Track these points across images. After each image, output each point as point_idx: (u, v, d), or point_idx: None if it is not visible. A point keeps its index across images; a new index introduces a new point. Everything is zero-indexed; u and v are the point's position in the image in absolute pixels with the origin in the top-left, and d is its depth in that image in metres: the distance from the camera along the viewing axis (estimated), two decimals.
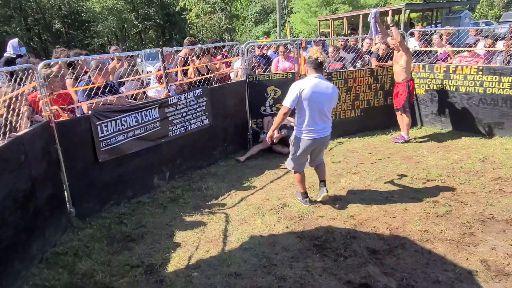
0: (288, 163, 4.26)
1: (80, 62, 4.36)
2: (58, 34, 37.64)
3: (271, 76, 6.31)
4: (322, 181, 4.23)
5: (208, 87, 5.47)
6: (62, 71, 4.17)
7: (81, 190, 4.01)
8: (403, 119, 6.26)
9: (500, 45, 6.53)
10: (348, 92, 6.63)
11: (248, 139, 6.30)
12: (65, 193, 3.91)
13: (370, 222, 3.79)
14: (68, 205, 3.95)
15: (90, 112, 3.95)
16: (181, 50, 5.72)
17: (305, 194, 4.29)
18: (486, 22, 25.59)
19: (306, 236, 3.60)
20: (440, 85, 6.62)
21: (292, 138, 4.09)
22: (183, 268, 3.22)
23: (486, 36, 6.98)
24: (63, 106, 3.82)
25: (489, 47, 6.55)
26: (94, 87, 4.11)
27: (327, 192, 4.14)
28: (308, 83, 3.76)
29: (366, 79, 6.64)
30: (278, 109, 6.29)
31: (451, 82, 6.48)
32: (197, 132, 5.33)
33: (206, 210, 4.26)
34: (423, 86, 6.83)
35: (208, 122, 5.47)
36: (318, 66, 3.82)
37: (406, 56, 5.87)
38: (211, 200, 4.53)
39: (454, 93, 6.50)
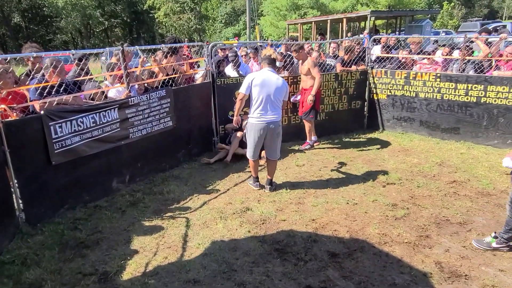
0: (248, 153, 4.65)
1: (31, 59, 4.12)
2: (17, 28, 35.91)
3: (239, 79, 6.25)
4: (269, 179, 4.70)
5: (172, 88, 5.34)
6: (11, 68, 3.91)
7: (32, 194, 3.78)
8: (305, 125, 6.23)
9: (456, 53, 6.83)
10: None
11: (213, 141, 6.22)
12: (14, 198, 3.68)
13: (331, 225, 3.82)
14: (17, 211, 3.72)
15: (42, 111, 3.73)
16: (143, 49, 5.56)
17: (256, 179, 4.78)
18: (446, 32, 26.85)
19: (267, 240, 3.57)
20: (401, 91, 6.84)
21: (247, 127, 4.55)
22: (139, 276, 3.09)
23: (444, 45, 7.27)
24: (11, 105, 3.58)
25: (446, 55, 6.83)
26: (48, 85, 3.89)
27: (269, 190, 4.65)
28: (260, 73, 4.41)
29: (331, 84, 6.74)
30: (246, 113, 6.26)
31: (411, 88, 6.70)
32: (160, 134, 5.19)
33: (167, 215, 4.15)
34: (385, 92, 7.02)
35: (171, 124, 5.34)
36: (271, 62, 4.49)
37: (317, 76, 5.85)
38: (173, 204, 4.41)
39: (414, 98, 6.73)
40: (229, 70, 6.73)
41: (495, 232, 3.38)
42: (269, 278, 3.02)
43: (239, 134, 5.83)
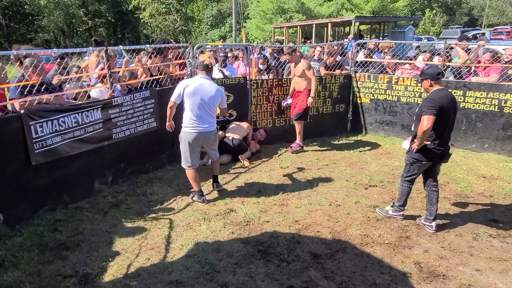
0: (182, 162, 4.45)
1: (12, 57, 4.03)
2: None
3: (224, 81, 6.26)
4: (214, 176, 4.76)
5: (156, 89, 5.31)
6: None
7: (10, 195, 3.69)
8: (296, 127, 6.26)
9: (436, 59, 7.00)
10: None
11: None
12: None
13: (314, 226, 3.86)
14: None
15: (22, 110, 3.66)
16: (128, 49, 5.52)
17: (200, 192, 4.46)
18: (428, 38, 27.46)
19: (251, 241, 3.58)
20: (383, 95, 6.96)
21: (180, 135, 4.37)
22: (121, 277, 3.06)
23: (425, 51, 7.45)
24: None
25: (427, 61, 7.00)
26: (28, 84, 3.82)
27: (216, 188, 4.73)
28: (193, 81, 4.23)
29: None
30: (231, 115, 6.28)
31: (394, 92, 6.84)
32: (144, 135, 5.15)
33: (150, 216, 4.12)
34: (368, 95, 7.14)
35: (155, 125, 5.30)
36: (205, 68, 4.31)
37: (313, 78, 5.95)
38: (156, 205, 4.38)
39: (396, 102, 6.86)
40: (215, 70, 6.74)
41: (393, 201, 3.98)
42: (252, 279, 3.03)
43: (219, 133, 5.89)
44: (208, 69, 4.35)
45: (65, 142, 4.09)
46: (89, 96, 4.78)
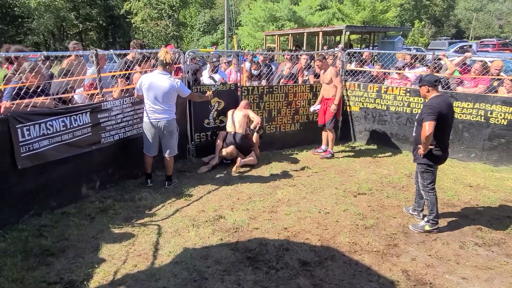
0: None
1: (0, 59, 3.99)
2: None
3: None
4: (166, 176, 5.03)
5: None
6: None
7: None
8: (328, 135, 6.45)
9: (423, 69, 7.12)
10: (289, 106, 6.79)
11: (188, 149, 6.18)
12: None
13: (303, 234, 3.86)
14: None
15: (9, 113, 3.60)
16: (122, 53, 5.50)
17: (147, 175, 5.04)
18: (417, 48, 27.93)
19: (239, 248, 3.56)
20: (373, 104, 7.04)
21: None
22: (107, 284, 3.01)
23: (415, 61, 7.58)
24: None
25: (409, 62, 7.15)
26: (22, 88, 3.77)
27: (167, 186, 4.99)
28: (149, 77, 4.63)
29: (305, 95, 6.86)
30: (222, 121, 6.28)
31: (383, 102, 6.92)
32: (133, 140, 5.11)
33: (138, 222, 4.07)
34: (357, 104, 7.21)
35: None
36: (162, 64, 4.61)
37: (339, 86, 6.12)
38: (144, 211, 4.33)
39: (385, 111, 6.94)
40: (205, 76, 6.76)
41: (426, 216, 3.99)
42: (240, 286, 3.01)
43: (220, 135, 5.90)
44: (164, 65, 4.61)
45: (53, 146, 4.04)
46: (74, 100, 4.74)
